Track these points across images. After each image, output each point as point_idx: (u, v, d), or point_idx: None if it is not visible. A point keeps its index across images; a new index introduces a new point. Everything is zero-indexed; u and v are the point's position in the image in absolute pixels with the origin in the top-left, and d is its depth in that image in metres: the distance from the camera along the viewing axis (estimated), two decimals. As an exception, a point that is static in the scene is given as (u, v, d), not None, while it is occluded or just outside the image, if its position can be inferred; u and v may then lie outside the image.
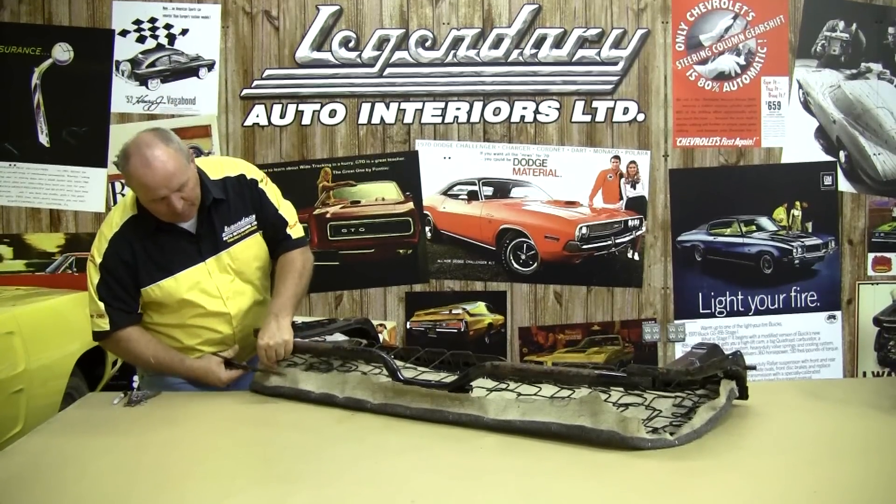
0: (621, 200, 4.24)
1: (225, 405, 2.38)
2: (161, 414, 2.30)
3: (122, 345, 2.53)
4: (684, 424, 1.92)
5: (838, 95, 4.26)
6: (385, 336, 4.19)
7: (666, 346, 4.28)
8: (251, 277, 2.64)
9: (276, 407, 2.35)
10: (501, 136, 4.21)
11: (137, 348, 2.52)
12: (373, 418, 2.20)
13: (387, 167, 4.22)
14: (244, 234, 2.58)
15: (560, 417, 1.93)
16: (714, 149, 4.25)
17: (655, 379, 1.96)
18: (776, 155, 4.27)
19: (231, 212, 2.55)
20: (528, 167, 4.22)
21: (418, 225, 4.23)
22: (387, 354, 2.37)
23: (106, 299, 2.46)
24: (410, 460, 1.87)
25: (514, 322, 4.28)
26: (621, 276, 4.27)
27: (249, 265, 2.62)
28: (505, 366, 2.23)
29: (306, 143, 4.20)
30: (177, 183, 2.35)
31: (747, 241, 4.27)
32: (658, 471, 1.73)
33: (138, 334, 2.52)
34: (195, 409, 2.34)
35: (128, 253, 2.45)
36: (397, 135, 4.21)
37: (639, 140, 4.23)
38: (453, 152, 4.22)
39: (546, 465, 1.80)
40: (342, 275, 4.23)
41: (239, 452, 2.01)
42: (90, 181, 4.16)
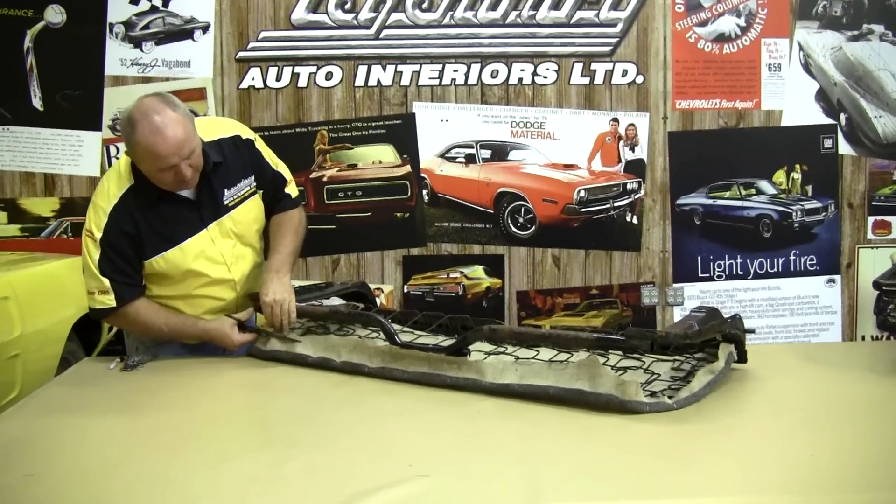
0: (620, 163, 4.22)
1: (222, 370, 2.38)
2: (158, 379, 2.29)
3: (130, 318, 2.46)
4: (683, 388, 1.92)
5: (839, 57, 4.22)
6: (382, 300, 4.19)
7: (664, 310, 4.29)
8: (251, 240, 2.61)
9: (273, 371, 2.35)
10: (499, 99, 4.18)
11: (147, 319, 2.46)
12: (370, 382, 2.20)
13: (383, 130, 4.19)
14: (244, 196, 2.55)
15: (558, 381, 1.93)
16: (714, 111, 4.22)
17: (654, 342, 1.96)
18: (776, 117, 4.24)
19: (230, 174, 2.51)
20: (526, 130, 4.19)
21: (415, 188, 4.21)
22: (384, 318, 2.37)
23: (110, 274, 2.39)
24: (408, 424, 1.87)
25: (512, 286, 4.27)
26: (620, 240, 4.25)
27: (250, 228, 2.59)
28: (503, 329, 2.23)
29: (302, 106, 4.17)
30: (188, 150, 2.28)
31: (746, 205, 4.25)
32: (656, 434, 1.73)
33: (145, 305, 2.47)
34: (192, 373, 2.34)
35: (130, 225, 2.37)
36: (394, 97, 4.17)
37: (638, 102, 4.20)
38: (450, 115, 4.19)
39: (544, 428, 1.80)
40: (339, 238, 4.22)
41: (236, 417, 2.01)
42: (84, 145, 4.13)
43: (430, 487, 1.52)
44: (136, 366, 2.39)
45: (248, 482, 1.58)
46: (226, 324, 2.50)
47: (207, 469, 1.65)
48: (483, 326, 2.15)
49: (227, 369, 2.38)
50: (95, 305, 2.43)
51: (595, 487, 1.52)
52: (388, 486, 1.51)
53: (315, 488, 1.55)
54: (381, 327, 2.35)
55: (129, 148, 2.30)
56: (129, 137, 2.27)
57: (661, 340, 1.99)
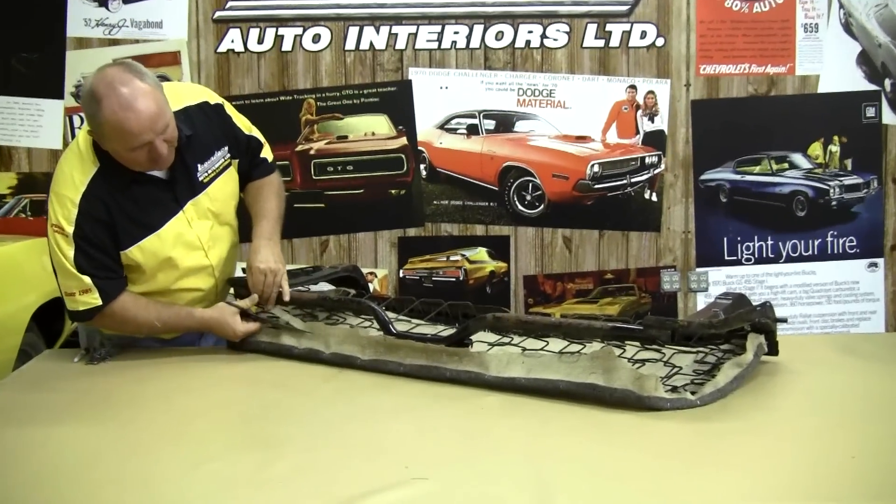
0: (638, 135, 4.22)
1: (198, 362, 2.38)
2: (126, 373, 2.30)
3: (118, 317, 2.40)
4: (707, 383, 1.92)
5: (885, 16, 4.21)
6: (375, 285, 4.20)
7: (687, 297, 4.30)
8: (229, 218, 2.60)
9: (255, 364, 2.36)
10: (504, 64, 4.18)
11: (137, 315, 2.41)
12: (362, 376, 2.20)
13: (377, 98, 4.19)
14: (219, 169, 2.53)
15: (569, 375, 1.94)
16: (742, 77, 4.22)
17: (675, 332, 1.96)
18: (812, 83, 4.23)
19: (202, 147, 2.48)
20: (534, 98, 4.19)
21: (412, 162, 4.21)
22: (378, 306, 2.37)
23: (90, 271, 2.33)
24: (404, 422, 1.88)
25: (519, 270, 4.28)
26: (637, 219, 4.26)
27: (228, 204, 2.58)
28: (508, 318, 2.24)
29: (287, 72, 4.16)
30: (162, 124, 2.24)
31: (779, 180, 4.25)
32: (677, 433, 1.74)
33: (132, 299, 2.41)
34: (165, 366, 2.35)
35: (103, 212, 2.32)
36: (388, 62, 4.17)
37: (658, 68, 4.19)
38: (451, 81, 4.18)
39: (553, 427, 1.81)
40: (328, 218, 4.22)
41: (215, 414, 2.02)
42: (45, 114, 4.12)
43: (429, 491, 1.53)
44: (102, 359, 2.39)
45: (228, 485, 1.59)
46: (226, 312, 2.46)
47: (183, 471, 1.65)
48: (486, 315, 2.15)
49: (205, 362, 2.39)
50: (78, 307, 2.36)
51: (609, 491, 1.52)
52: (382, 489, 1.52)
53: (302, 492, 1.56)
54: (374, 315, 2.35)
55: (93, 127, 2.25)
56: (94, 115, 2.21)
57: (682, 330, 2.00)
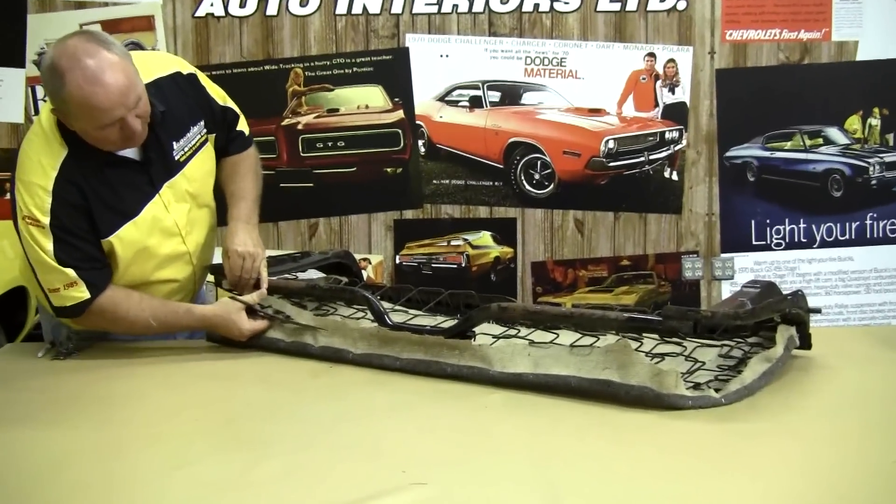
0: (657, 108, 4.22)
1: (176, 356, 2.39)
2: (98, 368, 2.31)
3: (108, 314, 2.38)
4: (732, 379, 1.93)
5: (930, -25, 4.21)
6: (369, 273, 4.21)
7: (710, 285, 4.30)
8: (207, 199, 2.60)
9: (238, 358, 2.37)
10: (511, 30, 4.17)
11: (130, 312, 2.39)
12: (355, 371, 2.21)
13: (371, 68, 4.19)
14: (196, 146, 2.53)
15: (581, 370, 1.94)
16: (772, 43, 4.21)
17: (697, 324, 1.96)
18: (850, 50, 4.23)
19: (177, 122, 2.47)
20: (543, 67, 4.19)
21: (409, 138, 4.21)
22: (372, 295, 2.38)
23: (72, 263, 2.31)
24: (401, 421, 1.88)
25: (526, 256, 4.28)
26: (656, 200, 4.26)
27: (206, 184, 2.59)
28: (515, 308, 2.24)
29: (272, 39, 4.16)
30: (133, 98, 2.22)
31: (812, 157, 4.25)
32: (700, 434, 1.74)
33: (124, 295, 2.40)
34: (140, 361, 2.36)
35: (79, 197, 2.30)
36: (383, 28, 4.16)
37: (679, 33, 4.19)
38: (452, 49, 4.18)
39: (564, 427, 1.81)
40: (317, 199, 4.22)
41: (195, 413, 2.02)
42: (3, 84, 4.11)
43: (428, 497, 1.53)
44: (69, 353, 2.40)
45: (210, 489, 1.59)
46: (230, 308, 2.44)
47: (162, 475, 1.66)
48: (490, 304, 2.16)
49: (183, 356, 2.39)
50: (66, 303, 2.34)
51: (624, 497, 1.53)
52: (377, 495, 1.53)
53: (290, 497, 1.56)
54: (367, 305, 2.36)
55: (57, 104, 2.23)
56: (57, 92, 2.18)
57: (706, 321, 1.99)
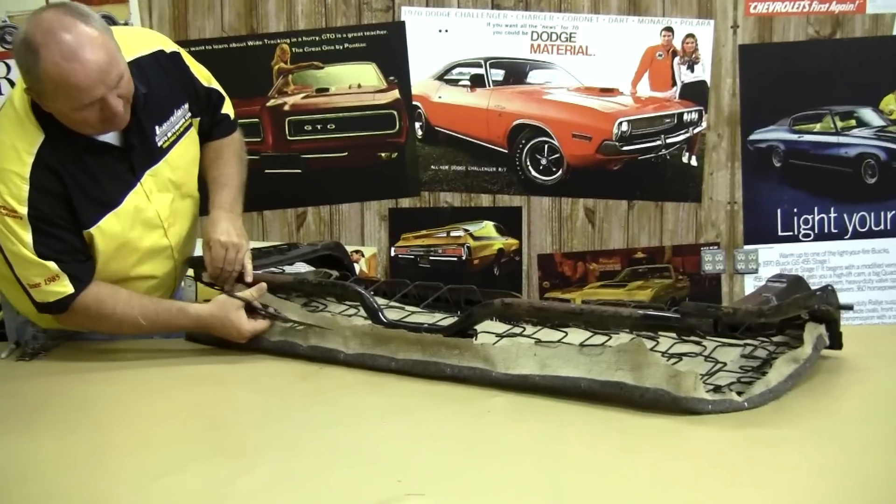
0: (674, 87, 4.21)
1: (154, 357, 2.39)
2: (70, 371, 2.31)
3: (93, 311, 2.38)
4: (756, 381, 1.93)
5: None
6: (362, 266, 4.21)
7: (732, 280, 4.30)
8: (191, 189, 2.62)
9: (221, 360, 2.37)
10: (515, 2, 4.17)
11: (116, 310, 2.38)
12: (347, 373, 2.22)
13: (363, 44, 4.19)
14: (179, 131, 2.54)
15: (591, 371, 1.94)
16: (801, 17, 4.21)
17: (718, 321, 1.97)
18: (887, 24, 4.22)
19: (160, 105, 2.48)
20: (551, 43, 4.19)
21: (405, 120, 4.21)
22: (365, 290, 2.38)
23: (53, 256, 2.31)
24: (396, 427, 1.88)
25: (532, 248, 4.28)
26: (674, 188, 4.26)
27: (190, 173, 2.60)
28: (520, 304, 2.24)
29: (256, 11, 4.16)
30: (115, 75, 2.22)
31: (844, 141, 4.25)
32: (721, 441, 1.74)
33: (110, 291, 2.39)
34: (115, 363, 2.36)
35: (58, 185, 2.30)
36: (377, 0, 4.16)
37: (699, 6, 4.19)
38: (451, 24, 4.18)
39: (572, 433, 1.81)
40: (305, 186, 4.22)
41: (176, 419, 2.02)
42: (-33, 62, 4.13)
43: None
44: (36, 353, 2.40)
45: (191, 500, 1.60)
46: (228, 307, 2.41)
47: (140, 485, 1.66)
48: (493, 300, 2.16)
49: (163, 357, 2.39)
50: (48, 298, 2.34)
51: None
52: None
53: (276, 510, 1.57)
54: (360, 301, 2.36)
55: (31, 84, 2.22)
56: (31, 70, 2.18)
57: (727, 319, 2.00)
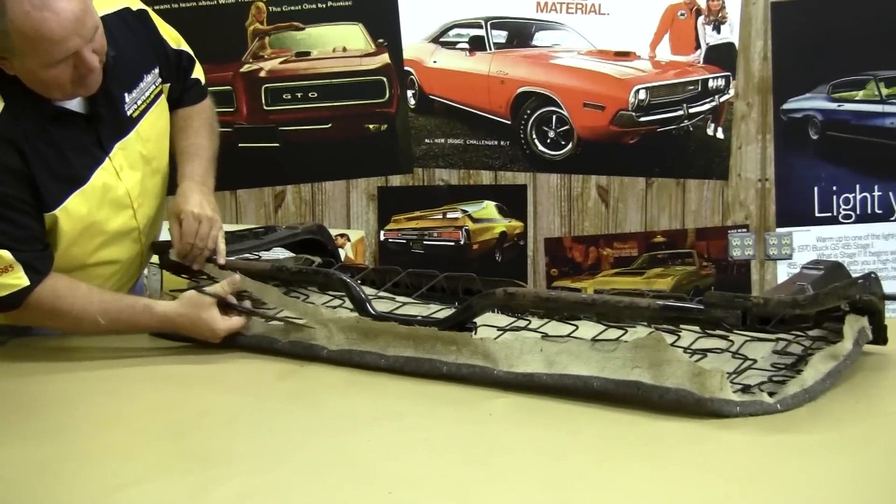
0: (698, 50, 4.21)
1: (115, 355, 2.39)
2: (20, 370, 2.31)
3: (47, 306, 2.34)
4: (790, 381, 1.93)
5: None
6: (348, 252, 4.21)
7: (764, 266, 4.31)
8: (161, 164, 2.63)
9: (189, 357, 2.37)
10: (521, -46, 4.17)
11: (74, 306, 2.36)
12: (330, 372, 2.22)
13: (349, 2, 4.19)
14: (150, 99, 2.54)
15: (605, 370, 1.94)
16: (840, -29, 4.21)
17: (747, 313, 1.96)
18: (936, -23, 4.23)
19: (129, 70, 2.48)
20: (560, 1, 4.18)
21: (396, 88, 4.21)
22: (351, 278, 2.38)
23: (7, 243, 2.28)
24: (386, 433, 1.88)
25: (539, 231, 4.29)
26: (698, 163, 4.26)
27: (161, 145, 2.61)
28: (525, 294, 2.24)
29: (228, -35, 4.16)
30: (91, 26, 2.20)
31: (890, 110, 4.24)
32: (750, 449, 1.74)
33: (68, 285, 2.37)
34: (71, 361, 2.36)
35: (18, 162, 2.28)
36: (364, -48, 4.17)
37: (726, -41, 4.19)
38: (448, -22, 4.18)
39: (583, 440, 1.81)
40: (284, 162, 4.22)
41: (138, 424, 2.02)
42: None
43: (419, 525, 1.54)
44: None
45: (153, 517, 1.60)
46: (199, 303, 2.38)
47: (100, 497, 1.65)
48: (495, 290, 2.16)
49: (124, 354, 2.39)
50: (1, 292, 2.32)
51: (659, 525, 1.53)
52: (357, 522, 1.53)
53: (251, 526, 1.57)
54: (346, 291, 2.36)
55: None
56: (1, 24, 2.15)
57: (757, 310, 1.99)
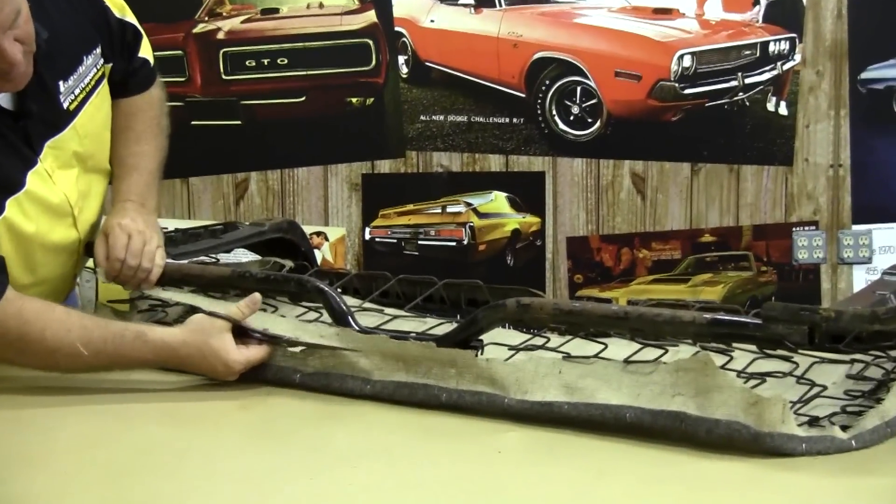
0: (756, 7, 4.22)
1: (28, 379, 2.38)
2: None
3: (12, 333, 2.26)
4: (868, 412, 1.93)
5: None
6: (326, 254, 4.21)
7: (836, 272, 4.31)
8: (101, 161, 2.65)
9: (129, 379, 2.37)
10: None
11: (47, 332, 2.27)
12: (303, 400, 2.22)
13: (327, -53, 4.20)
14: (90, 86, 2.55)
15: (641, 398, 1.94)
16: None
17: (815, 328, 1.96)
18: None
19: (65, 52, 2.49)
20: (587, -54, 4.20)
21: (385, 53, 4.21)
22: (330, 287, 2.38)
23: None
24: (371, 475, 1.88)
25: (559, 228, 4.29)
26: (755, 145, 4.26)
27: (101, 140, 2.63)
28: (542, 305, 2.23)
29: None
30: (10, 12, 2.19)
31: None
32: (819, 494, 1.74)
33: (35, 307, 2.31)
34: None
35: None
36: None
37: None
38: (449, -82, 4.20)
39: (613, 483, 1.81)
40: (248, 143, 4.23)
41: (69, 463, 2.03)
42: None
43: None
44: None
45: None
46: (208, 330, 2.28)
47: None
48: (506, 300, 2.16)
49: (41, 379, 2.38)
50: None
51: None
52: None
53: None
54: (323, 302, 2.36)
55: None
56: None
57: (828, 326, 1.99)
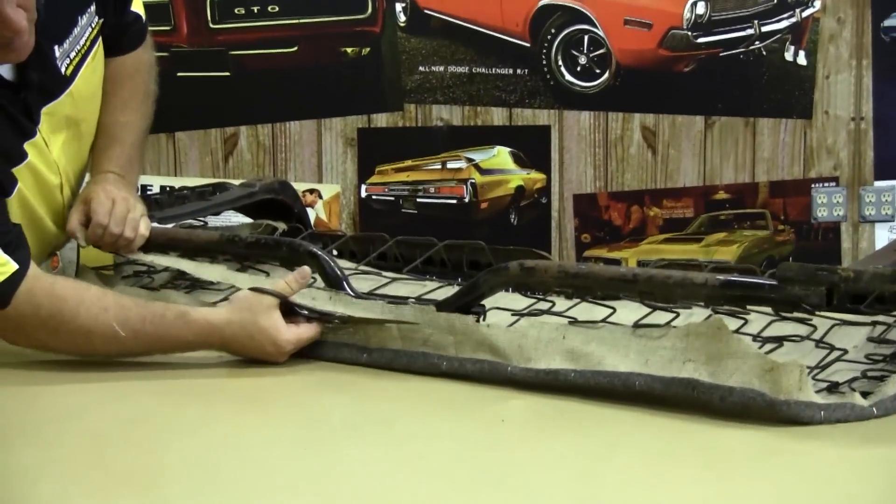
0: (773, -50, 4.22)
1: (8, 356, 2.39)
2: None
3: (44, 311, 2.25)
4: (890, 377, 1.93)
5: None
6: (319, 212, 4.21)
7: (858, 230, 4.31)
8: (90, 126, 2.67)
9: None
10: None
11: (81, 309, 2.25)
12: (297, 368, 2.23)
13: None
14: (85, 48, 2.57)
15: (650, 364, 1.94)
16: None
17: (834, 289, 1.96)
18: None
19: (60, 15, 2.48)
20: None
21: (382, 0, 4.20)
22: (323, 250, 2.38)
23: None
24: (368, 447, 1.88)
25: (566, 185, 4.29)
26: (772, 97, 4.26)
27: (94, 103, 2.66)
28: (547, 268, 2.23)
29: None
30: None
31: None
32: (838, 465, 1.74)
33: (70, 284, 2.32)
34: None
35: None
36: None
37: None
38: None
39: (622, 454, 1.81)
40: (237, 96, 4.23)
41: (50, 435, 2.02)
42: None
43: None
44: None
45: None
46: (256, 307, 2.24)
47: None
48: (509, 263, 2.16)
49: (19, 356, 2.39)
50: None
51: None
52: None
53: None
54: (316, 266, 2.36)
55: None
56: None
57: (848, 286, 1.99)
